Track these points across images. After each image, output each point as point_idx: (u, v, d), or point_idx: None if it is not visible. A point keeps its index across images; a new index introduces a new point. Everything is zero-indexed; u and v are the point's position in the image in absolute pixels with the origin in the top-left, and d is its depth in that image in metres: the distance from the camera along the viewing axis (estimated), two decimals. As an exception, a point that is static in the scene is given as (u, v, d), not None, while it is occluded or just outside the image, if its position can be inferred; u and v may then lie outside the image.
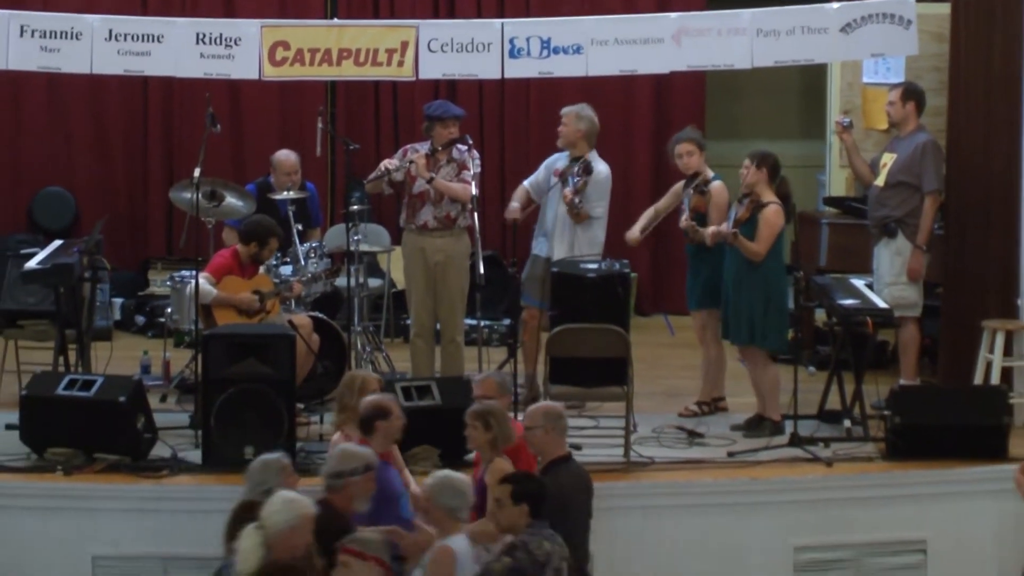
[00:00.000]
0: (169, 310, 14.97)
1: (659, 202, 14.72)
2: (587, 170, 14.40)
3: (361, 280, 14.81)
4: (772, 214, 13.58)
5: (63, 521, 12.32)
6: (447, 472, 10.49)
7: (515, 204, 14.61)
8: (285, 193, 15.05)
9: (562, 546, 10.05)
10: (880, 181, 14.53)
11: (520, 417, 11.84)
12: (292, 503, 9.87)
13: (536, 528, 10.00)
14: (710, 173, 14.29)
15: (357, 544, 9.31)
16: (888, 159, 14.55)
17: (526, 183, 14.84)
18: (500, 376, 12.44)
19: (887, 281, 14.41)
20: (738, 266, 13.71)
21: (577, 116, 14.45)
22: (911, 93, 14.68)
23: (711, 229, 13.73)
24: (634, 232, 14.62)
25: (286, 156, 15.30)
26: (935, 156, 14.39)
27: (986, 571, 12.66)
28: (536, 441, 11.28)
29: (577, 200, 14.24)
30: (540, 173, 14.78)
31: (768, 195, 13.62)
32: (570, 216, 14.33)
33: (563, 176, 14.43)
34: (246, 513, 9.96)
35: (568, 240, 14.44)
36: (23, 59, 13.53)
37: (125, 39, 13.35)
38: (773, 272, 13.75)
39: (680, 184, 14.44)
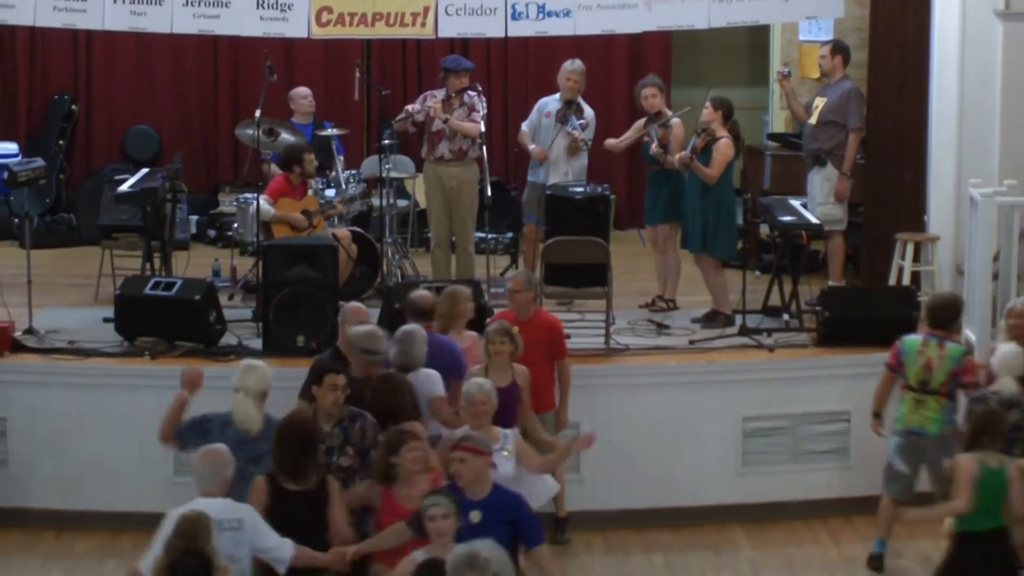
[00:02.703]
0: (235, 225, 15.04)
1: (627, 132, 14.67)
2: (581, 113, 14.47)
3: (391, 201, 14.76)
4: (724, 145, 13.58)
5: (150, 395, 12.24)
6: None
7: (534, 146, 14.60)
8: (330, 130, 15.17)
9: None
10: (813, 120, 14.54)
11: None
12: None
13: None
14: (669, 112, 14.26)
15: (472, 442, 9.16)
16: (819, 102, 14.56)
17: (525, 126, 14.85)
18: (526, 274, 12.42)
19: (818, 201, 14.42)
20: (695, 188, 13.72)
21: (583, 75, 14.55)
22: (839, 48, 14.68)
23: (678, 155, 13.71)
24: (611, 142, 14.61)
25: (297, 89, 15.71)
26: (858, 100, 14.39)
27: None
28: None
29: (582, 136, 14.36)
30: (533, 116, 14.78)
31: (721, 131, 13.63)
32: (568, 151, 14.38)
33: (562, 118, 14.44)
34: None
35: (561, 169, 14.43)
36: (116, 21, 13.41)
37: (199, 4, 13.20)
38: (724, 194, 13.75)
39: (642, 120, 14.44)
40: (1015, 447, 10.32)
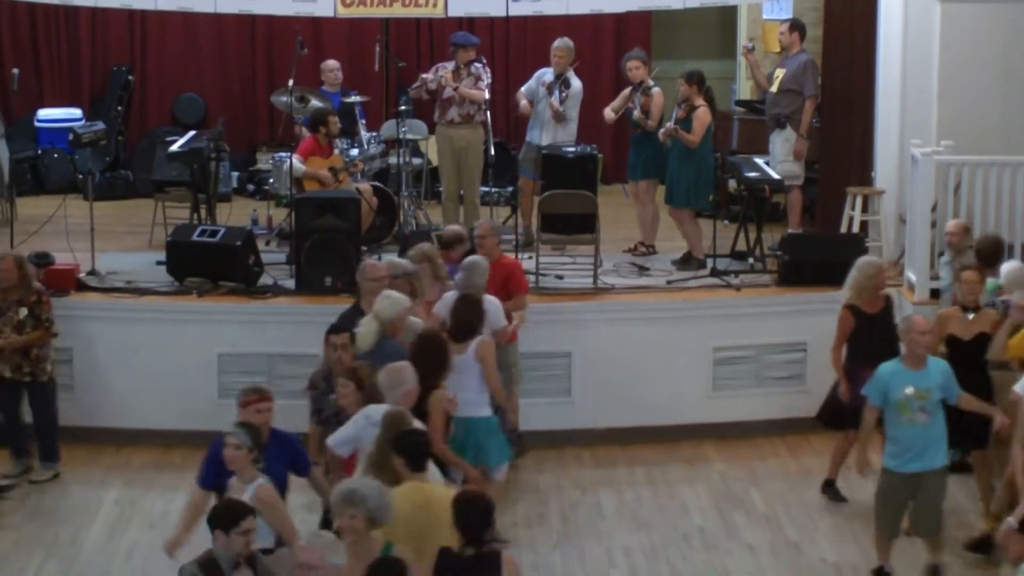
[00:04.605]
0: (271, 180, 14.96)
1: (614, 102, 14.51)
2: (567, 85, 14.36)
3: (407, 159, 14.66)
4: (702, 113, 13.54)
5: (197, 329, 12.33)
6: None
7: (524, 102, 14.60)
8: (354, 98, 15.12)
9: None
10: (774, 88, 14.44)
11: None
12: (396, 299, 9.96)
13: None
14: (651, 82, 14.13)
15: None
16: (779, 73, 14.46)
17: (523, 89, 14.77)
18: (492, 222, 12.56)
19: (779, 160, 14.32)
20: (679, 152, 13.65)
21: (569, 50, 14.41)
22: (796, 25, 14.62)
23: (664, 128, 13.71)
24: (609, 114, 14.45)
25: (327, 62, 15.65)
26: (813, 71, 14.30)
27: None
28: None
29: (561, 109, 14.23)
30: (532, 82, 14.67)
31: (698, 100, 13.58)
32: (554, 119, 14.25)
33: (549, 89, 14.33)
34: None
35: (552, 132, 14.33)
36: (167, 1, 13.47)
37: (239, -14, 13.23)
38: (703, 156, 13.68)
39: (628, 89, 14.29)
40: None
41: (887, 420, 9.67)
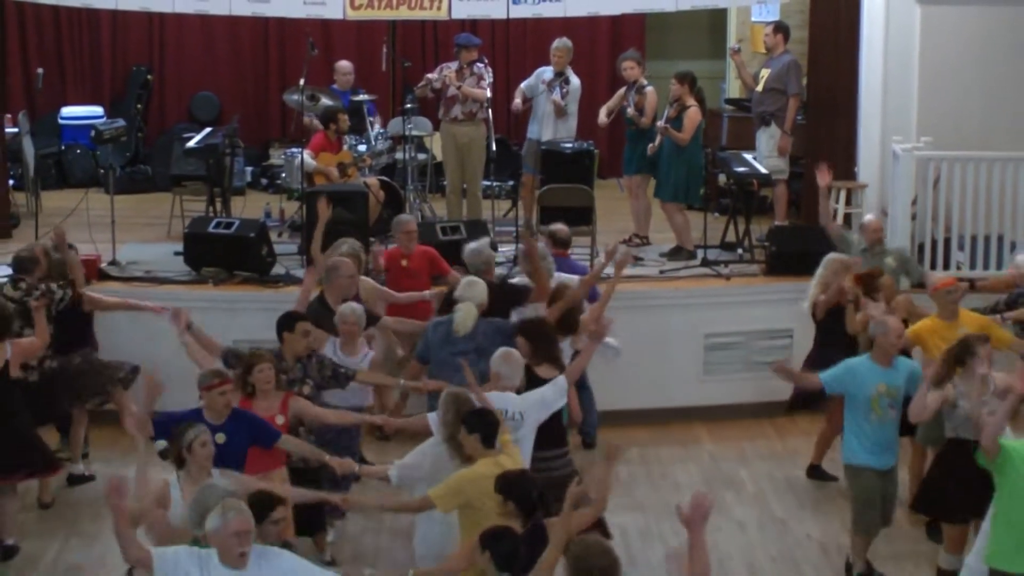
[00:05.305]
0: (283, 175, 14.88)
1: (610, 101, 14.48)
2: (567, 82, 14.34)
3: (412, 155, 14.63)
4: (693, 112, 13.54)
5: (213, 316, 12.16)
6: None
7: (517, 100, 14.58)
8: (362, 95, 15.04)
9: None
10: (759, 88, 14.35)
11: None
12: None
13: None
14: (645, 81, 14.11)
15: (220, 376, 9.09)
16: (764, 72, 14.37)
17: (522, 86, 14.73)
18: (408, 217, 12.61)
19: (764, 155, 14.22)
20: (670, 148, 13.62)
21: (568, 50, 14.40)
22: (780, 27, 14.54)
23: (658, 125, 13.65)
24: (602, 118, 14.44)
25: (340, 63, 15.48)
26: (796, 71, 14.19)
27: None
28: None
29: (563, 103, 14.21)
30: (532, 80, 14.65)
31: (690, 100, 13.58)
32: (554, 113, 14.23)
33: (549, 86, 14.30)
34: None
35: (552, 129, 14.30)
36: (184, 5, 13.41)
37: (253, -10, 13.20)
38: (694, 153, 13.67)
39: (623, 89, 14.27)
40: None
41: (854, 418, 9.37)
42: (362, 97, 15.12)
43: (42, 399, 10.70)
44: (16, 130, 15.31)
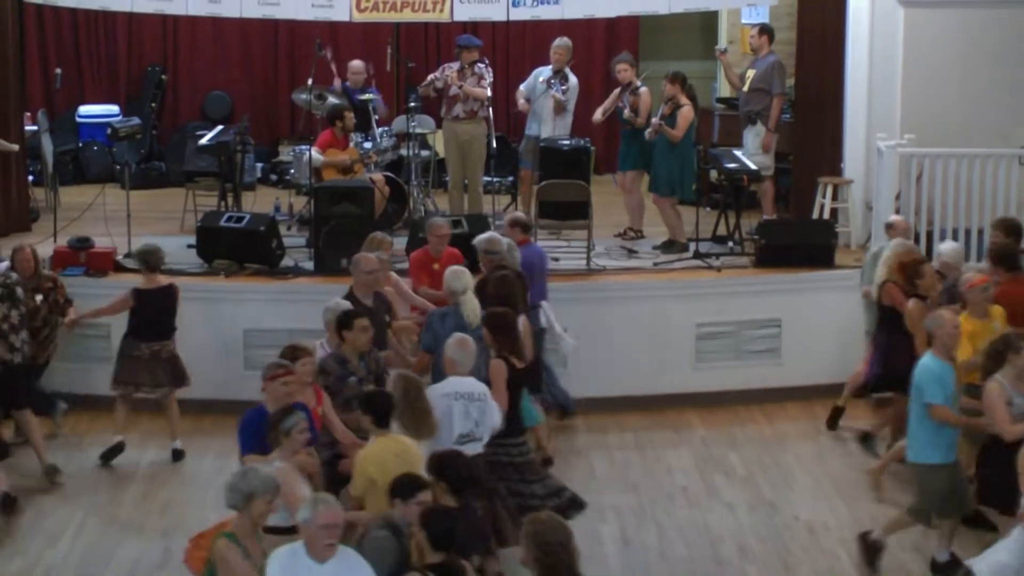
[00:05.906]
0: (292, 171, 14.80)
1: (605, 102, 14.44)
2: (565, 80, 14.33)
3: (416, 151, 14.59)
4: (686, 111, 13.53)
5: (224, 307, 12.31)
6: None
7: (522, 100, 14.58)
8: (369, 95, 14.96)
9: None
10: (746, 88, 14.30)
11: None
12: None
13: None
14: (638, 82, 14.08)
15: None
16: (751, 73, 14.31)
17: (522, 87, 14.73)
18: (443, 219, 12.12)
19: (750, 152, 14.14)
20: (663, 145, 13.59)
21: (567, 49, 14.38)
22: (765, 29, 14.49)
23: (651, 125, 13.59)
24: (597, 116, 14.39)
25: (353, 63, 15.27)
26: (781, 71, 14.13)
27: (816, 337, 12.61)
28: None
29: (563, 99, 14.20)
30: (530, 80, 14.62)
31: (682, 99, 13.55)
32: (554, 110, 14.22)
33: (549, 83, 14.28)
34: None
35: (550, 126, 14.27)
36: (197, 7, 13.40)
37: (263, -7, 13.17)
38: (686, 149, 13.66)
39: (618, 90, 14.23)
40: None
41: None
42: (368, 96, 15.03)
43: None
44: (36, 128, 15.30)
